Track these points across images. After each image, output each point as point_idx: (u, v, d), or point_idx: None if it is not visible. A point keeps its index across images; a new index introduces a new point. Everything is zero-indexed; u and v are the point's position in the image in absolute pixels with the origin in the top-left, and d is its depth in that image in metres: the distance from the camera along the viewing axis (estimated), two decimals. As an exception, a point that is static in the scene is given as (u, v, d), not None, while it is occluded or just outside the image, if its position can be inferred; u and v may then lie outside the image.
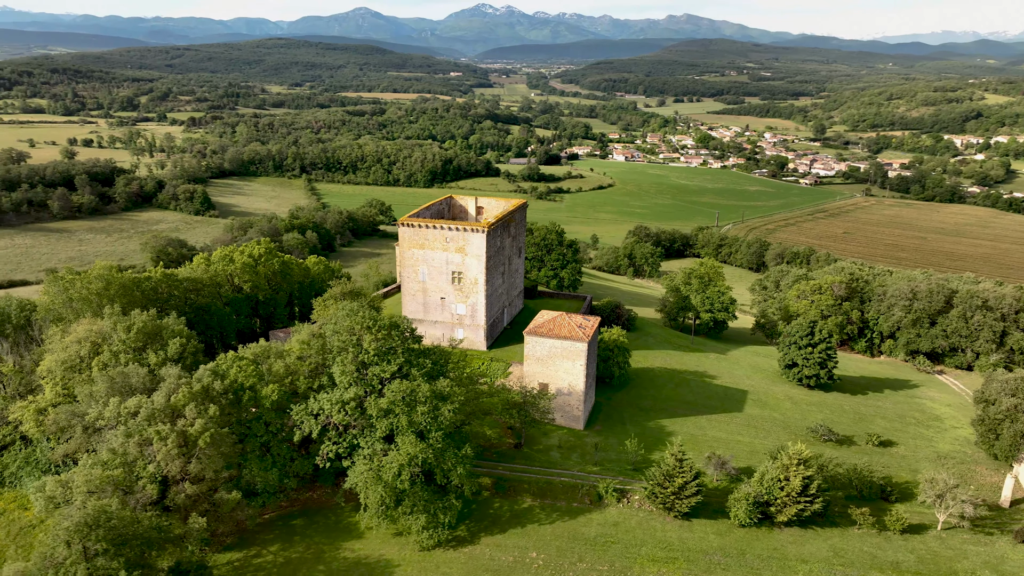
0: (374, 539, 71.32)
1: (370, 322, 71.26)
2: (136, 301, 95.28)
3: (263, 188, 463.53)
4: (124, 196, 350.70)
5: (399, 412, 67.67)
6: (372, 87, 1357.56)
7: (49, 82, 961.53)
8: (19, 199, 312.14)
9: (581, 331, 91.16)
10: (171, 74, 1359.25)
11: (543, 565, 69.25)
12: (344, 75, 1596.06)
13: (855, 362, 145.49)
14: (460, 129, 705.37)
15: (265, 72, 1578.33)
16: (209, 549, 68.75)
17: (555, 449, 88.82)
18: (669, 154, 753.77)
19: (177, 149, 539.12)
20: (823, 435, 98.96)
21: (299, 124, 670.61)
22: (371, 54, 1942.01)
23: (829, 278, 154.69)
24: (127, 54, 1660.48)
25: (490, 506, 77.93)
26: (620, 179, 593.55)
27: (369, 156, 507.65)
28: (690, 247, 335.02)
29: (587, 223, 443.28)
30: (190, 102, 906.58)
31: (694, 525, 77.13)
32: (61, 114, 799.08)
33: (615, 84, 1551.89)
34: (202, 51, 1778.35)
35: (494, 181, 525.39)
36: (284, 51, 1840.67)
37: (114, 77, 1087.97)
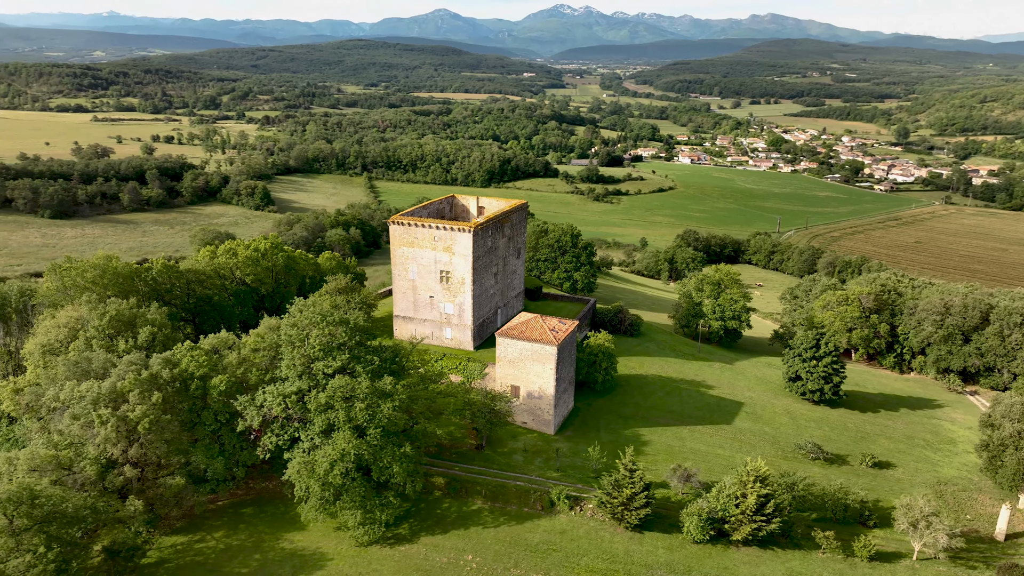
0: (315, 532, 72.37)
1: (318, 317, 72.33)
2: (132, 290, 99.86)
3: (325, 185, 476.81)
4: (190, 190, 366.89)
5: (338, 407, 68.45)
6: (444, 87, 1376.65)
7: (142, 82, 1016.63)
8: (93, 192, 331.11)
9: (553, 334, 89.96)
10: (255, 74, 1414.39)
11: (476, 569, 68.71)
12: (419, 75, 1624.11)
13: (880, 378, 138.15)
14: (524, 129, 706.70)
15: (344, 72, 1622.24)
16: (157, 532, 71.26)
17: (520, 452, 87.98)
18: (738, 157, 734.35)
19: (248, 146, 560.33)
20: (811, 452, 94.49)
21: (366, 123, 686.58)
22: (446, 55, 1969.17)
23: (857, 289, 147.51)
24: (216, 55, 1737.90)
25: (439, 506, 77.86)
26: (682, 182, 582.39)
27: (429, 155, 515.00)
28: (742, 253, 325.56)
29: (641, 226, 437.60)
30: (268, 101, 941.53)
31: (645, 538, 74.95)
32: (150, 112, 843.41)
33: (690, 85, 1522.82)
34: (285, 52, 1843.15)
35: (552, 182, 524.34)
36: (363, 52, 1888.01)
37: (201, 77, 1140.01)
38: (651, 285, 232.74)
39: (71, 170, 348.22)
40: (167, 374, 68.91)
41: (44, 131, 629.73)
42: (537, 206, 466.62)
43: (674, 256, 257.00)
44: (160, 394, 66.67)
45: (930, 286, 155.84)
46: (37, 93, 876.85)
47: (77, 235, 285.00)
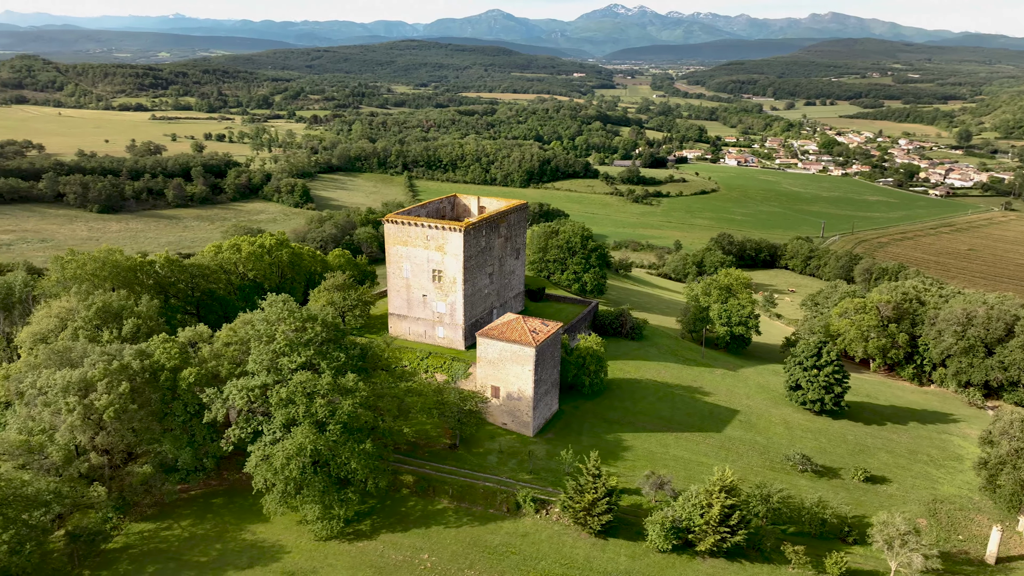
0: (278, 524, 73.47)
1: (285, 313, 73.41)
2: (133, 283, 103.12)
3: (365, 184, 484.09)
4: (233, 187, 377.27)
5: (299, 403, 69.37)
6: (493, 88, 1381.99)
7: (200, 82, 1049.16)
8: (140, 188, 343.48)
9: (533, 336, 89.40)
10: (309, 74, 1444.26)
11: (430, 568, 68.75)
12: (469, 76, 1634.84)
13: (896, 390, 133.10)
14: (568, 130, 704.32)
15: (395, 73, 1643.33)
16: (128, 519, 73.38)
17: (495, 453, 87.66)
18: (786, 159, 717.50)
19: (295, 145, 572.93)
20: (799, 464, 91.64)
21: (411, 123, 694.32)
22: (497, 55, 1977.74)
23: (875, 297, 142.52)
24: (273, 55, 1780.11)
25: (404, 504, 78.18)
26: (726, 184, 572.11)
27: (469, 155, 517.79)
28: (778, 258, 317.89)
29: (680, 228, 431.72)
30: (318, 100, 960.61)
31: (609, 544, 73.87)
32: (205, 111, 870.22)
33: (742, 86, 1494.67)
34: (340, 52, 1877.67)
35: (591, 183, 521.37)
36: (415, 52, 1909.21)
37: (256, 77, 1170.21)
38: (674, 289, 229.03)
39: (120, 166, 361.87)
40: (137, 365, 70.90)
41: (105, 129, 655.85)
42: (575, 207, 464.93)
43: (703, 260, 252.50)
44: (128, 384, 68.62)
45: (958, 295, 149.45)
46: (102, 93, 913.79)
47: (121, 229, 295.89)
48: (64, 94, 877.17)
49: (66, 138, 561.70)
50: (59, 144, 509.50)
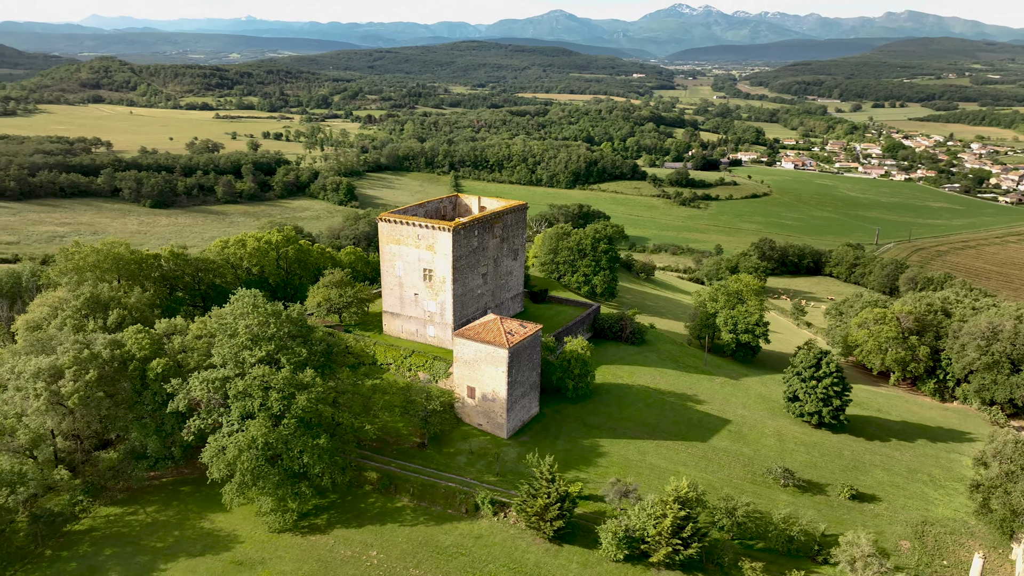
0: (237, 515, 75.05)
1: (249, 308, 74.94)
2: (136, 276, 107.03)
3: (411, 183, 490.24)
4: (281, 185, 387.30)
5: (256, 396, 70.73)
6: (550, 88, 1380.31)
7: (264, 82, 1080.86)
8: (192, 184, 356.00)
9: (508, 337, 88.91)
10: (370, 75, 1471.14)
11: (376, 565, 69.14)
12: (527, 76, 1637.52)
13: (913, 405, 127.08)
14: (619, 131, 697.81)
15: (454, 73, 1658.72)
16: (98, 502, 76.14)
17: (465, 454, 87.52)
18: (847, 163, 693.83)
19: (346, 144, 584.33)
20: (781, 478, 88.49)
21: (462, 123, 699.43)
22: (556, 55, 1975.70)
23: (897, 307, 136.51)
24: (337, 56, 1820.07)
25: (364, 500, 78.83)
26: (780, 188, 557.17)
27: (515, 155, 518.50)
28: (823, 265, 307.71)
29: (726, 232, 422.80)
30: (375, 100, 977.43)
31: (563, 551, 72.88)
32: (267, 110, 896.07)
33: (807, 87, 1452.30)
34: (401, 53, 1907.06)
35: (638, 185, 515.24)
36: (475, 53, 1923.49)
37: (318, 77, 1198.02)
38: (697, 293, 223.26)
39: (175, 163, 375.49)
40: (107, 354, 73.51)
41: (172, 127, 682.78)
42: (620, 209, 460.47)
43: (737, 265, 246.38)
44: (96, 372, 71.22)
45: (990, 308, 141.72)
46: (171, 92, 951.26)
47: (170, 223, 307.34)
48: (137, 94, 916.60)
49: (133, 136, 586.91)
50: (126, 141, 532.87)
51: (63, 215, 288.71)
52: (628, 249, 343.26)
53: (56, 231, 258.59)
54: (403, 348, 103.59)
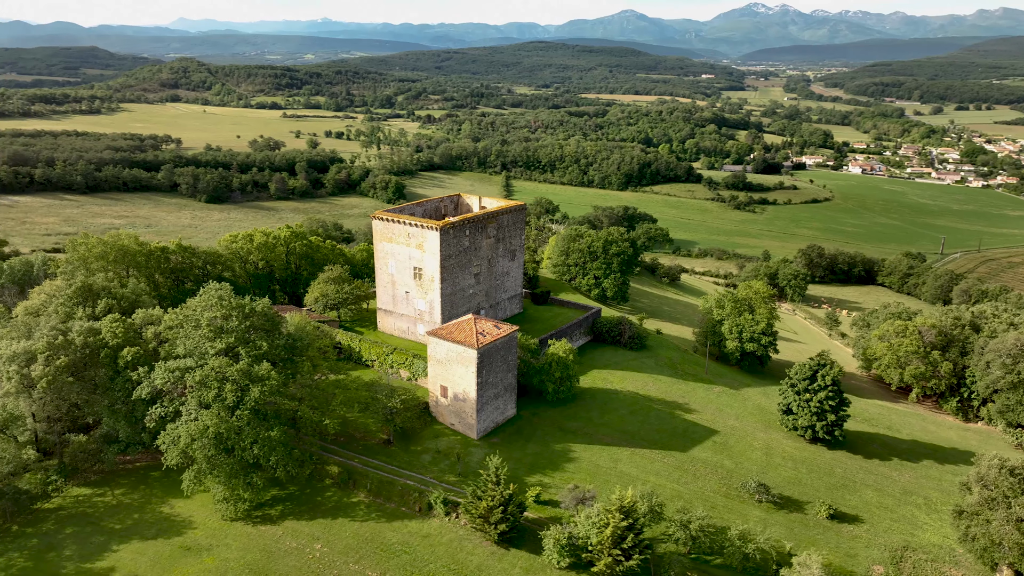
0: (196, 501, 77.18)
1: (214, 301, 77.05)
2: (142, 267, 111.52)
3: (463, 182, 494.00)
4: (332, 182, 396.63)
5: (212, 386, 72.67)
6: (615, 89, 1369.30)
7: (332, 82, 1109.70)
8: (247, 180, 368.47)
9: (479, 338, 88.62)
10: (437, 75, 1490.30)
11: (317, 558, 70.00)
12: (593, 77, 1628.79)
13: (931, 424, 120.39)
14: (679, 133, 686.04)
15: (520, 74, 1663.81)
16: (71, 482, 79.62)
17: (431, 452, 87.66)
18: (919, 168, 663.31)
19: (403, 143, 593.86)
20: (756, 493, 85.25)
21: (519, 124, 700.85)
22: (624, 56, 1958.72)
23: (920, 319, 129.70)
24: (405, 57, 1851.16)
25: (322, 494, 79.90)
26: (843, 193, 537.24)
27: (568, 156, 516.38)
28: (875, 274, 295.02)
29: (780, 238, 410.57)
30: (438, 101, 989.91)
31: (509, 555, 72.15)
32: (333, 109, 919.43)
33: (885, 89, 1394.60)
34: (469, 54, 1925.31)
35: (692, 187, 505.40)
36: (541, 54, 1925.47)
37: (384, 77, 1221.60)
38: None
39: (232, 160, 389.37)
40: (80, 341, 76.84)
41: (241, 125, 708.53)
42: (670, 212, 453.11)
43: (776, 272, 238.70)
44: (66, 359, 74.56)
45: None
46: (243, 92, 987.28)
47: (221, 218, 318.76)
48: (211, 93, 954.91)
49: (203, 133, 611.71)
50: (195, 139, 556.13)
51: (123, 208, 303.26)
52: (672, 253, 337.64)
53: (113, 223, 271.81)
54: (386, 345, 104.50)
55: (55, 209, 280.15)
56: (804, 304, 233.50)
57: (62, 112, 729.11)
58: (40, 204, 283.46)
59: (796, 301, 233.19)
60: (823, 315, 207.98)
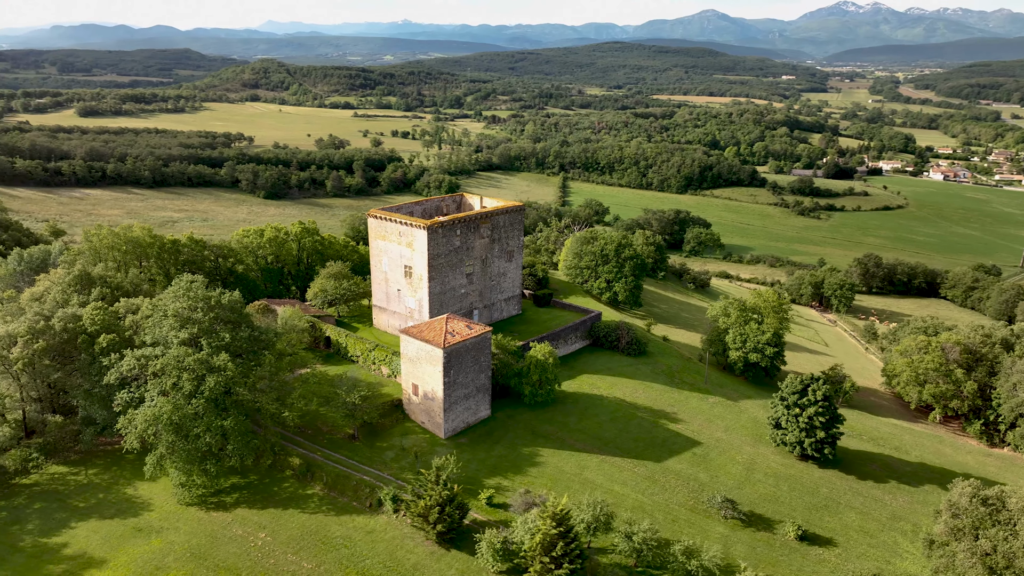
0: (160, 485, 79.94)
1: (181, 291, 79.82)
2: (153, 258, 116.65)
3: (519, 183, 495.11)
4: (388, 181, 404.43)
5: (171, 374, 75.35)
6: (689, 91, 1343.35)
7: (404, 82, 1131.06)
8: (305, 178, 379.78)
9: (448, 337, 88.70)
10: (510, 76, 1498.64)
11: (259, 547, 71.48)
12: (667, 78, 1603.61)
13: (948, 447, 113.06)
14: (747, 135, 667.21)
15: (593, 75, 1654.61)
16: (51, 460, 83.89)
17: (396, 449, 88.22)
18: (1009, 175, 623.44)
19: (465, 143, 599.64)
20: (722, 509, 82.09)
21: (583, 125, 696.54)
22: (701, 57, 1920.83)
23: (946, 336, 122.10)
24: (479, 58, 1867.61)
25: (280, 485, 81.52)
26: (919, 200, 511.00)
27: (627, 158, 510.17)
28: (937, 286, 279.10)
29: (844, 246, 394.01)
30: (506, 101, 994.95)
31: (448, 556, 71.94)
32: (403, 110, 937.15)
33: (981, 91, 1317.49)
34: (543, 55, 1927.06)
35: (755, 192, 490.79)
36: (616, 54, 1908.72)
37: (456, 78, 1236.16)
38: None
39: (292, 157, 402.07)
40: (59, 326, 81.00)
41: (312, 124, 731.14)
42: (729, 216, 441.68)
43: (822, 281, 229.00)
44: (44, 343, 78.75)
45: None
46: (319, 92, 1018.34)
47: (276, 213, 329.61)
48: (288, 93, 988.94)
49: (275, 131, 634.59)
50: (267, 137, 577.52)
51: (184, 202, 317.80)
52: (723, 258, 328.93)
53: (172, 216, 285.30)
54: (369, 342, 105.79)
55: (121, 202, 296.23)
56: (850, 315, 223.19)
57: (150, 111, 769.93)
58: (108, 197, 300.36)
59: (841, 312, 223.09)
60: (861, 326, 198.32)
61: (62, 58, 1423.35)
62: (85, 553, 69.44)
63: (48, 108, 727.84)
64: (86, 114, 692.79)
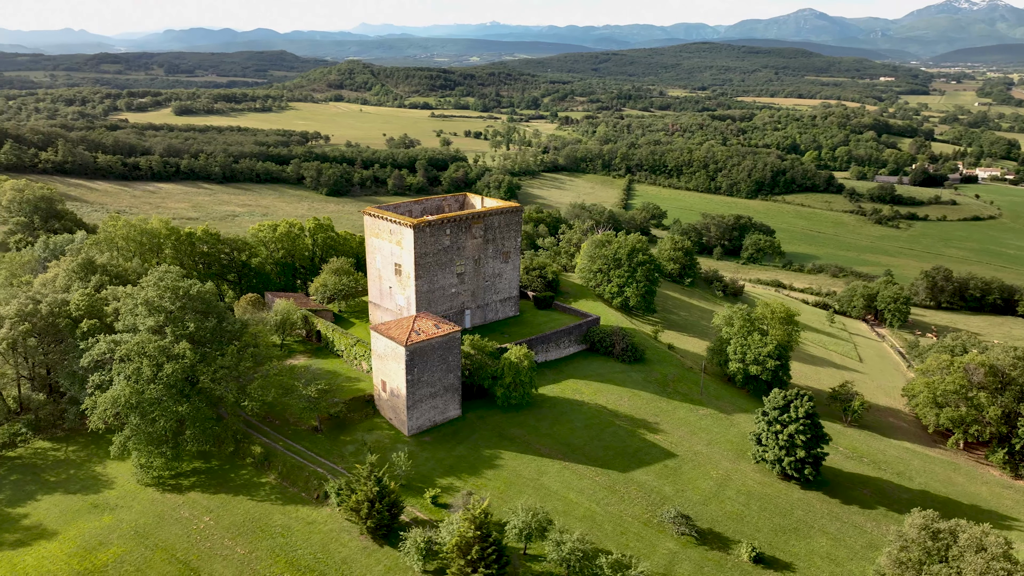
0: (127, 465, 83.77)
1: (154, 280, 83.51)
2: (167, 249, 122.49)
3: (584, 185, 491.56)
4: (448, 180, 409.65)
5: (134, 360, 79.01)
6: (776, 92, 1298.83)
7: (484, 83, 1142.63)
8: (367, 176, 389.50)
9: (413, 335, 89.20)
10: (591, 77, 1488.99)
11: (200, 530, 73.87)
12: (756, 80, 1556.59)
13: (961, 475, 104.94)
14: (830, 139, 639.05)
15: (678, 76, 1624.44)
16: (40, 436, 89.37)
17: (358, 443, 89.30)
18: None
19: (535, 144, 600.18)
20: (675, 525, 79.07)
21: (656, 127, 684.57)
22: (793, 58, 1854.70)
23: (970, 357, 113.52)
24: (563, 59, 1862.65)
25: (237, 472, 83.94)
26: (1014, 211, 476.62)
27: (696, 161, 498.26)
28: (1015, 303, 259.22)
29: (924, 258, 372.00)
30: (583, 103, 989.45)
31: (380, 552, 72.33)
32: (479, 110, 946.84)
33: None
34: (627, 56, 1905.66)
35: (830, 198, 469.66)
36: (703, 55, 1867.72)
37: (536, 79, 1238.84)
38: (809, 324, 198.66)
39: (357, 156, 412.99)
40: (46, 310, 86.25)
41: (390, 123, 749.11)
42: (798, 223, 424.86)
43: (876, 294, 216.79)
44: (28, 325, 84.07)
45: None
46: (400, 92, 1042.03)
47: (335, 210, 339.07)
48: (371, 93, 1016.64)
49: (353, 131, 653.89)
50: (344, 135, 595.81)
51: (248, 197, 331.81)
52: (783, 267, 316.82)
53: (235, 211, 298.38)
54: (352, 336, 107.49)
55: (189, 196, 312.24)
56: (905, 331, 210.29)
57: (239, 110, 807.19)
58: (179, 191, 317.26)
59: (895, 326, 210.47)
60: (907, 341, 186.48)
61: (169, 60, 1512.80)
62: (41, 525, 73.58)
63: (148, 107, 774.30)
64: (181, 112, 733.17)
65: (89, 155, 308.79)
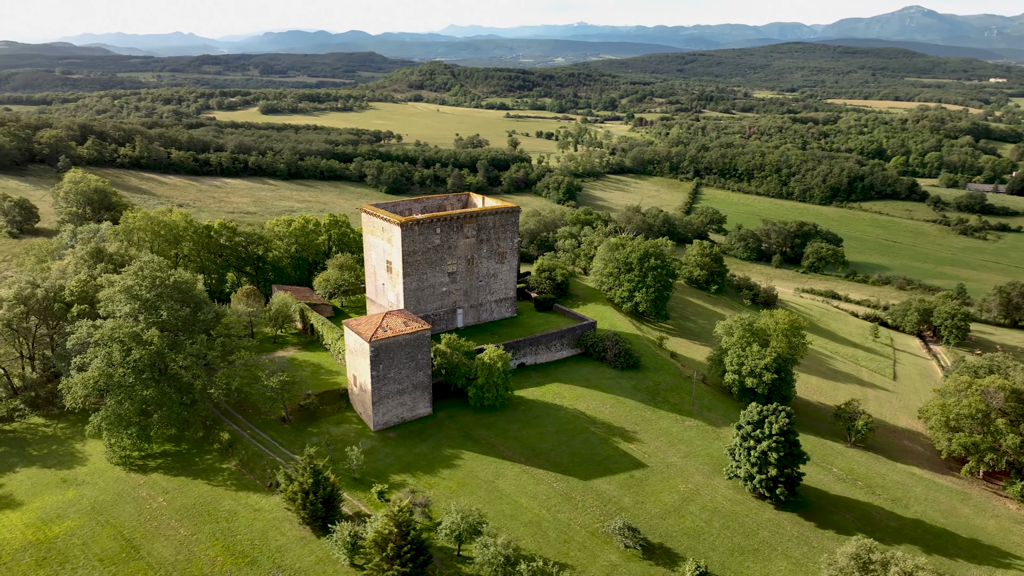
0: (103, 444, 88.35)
1: (135, 270, 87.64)
2: (186, 240, 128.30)
3: (649, 187, 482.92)
4: (508, 180, 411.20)
5: (110, 346, 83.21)
6: (870, 95, 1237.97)
7: (563, 84, 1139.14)
8: (427, 174, 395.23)
9: (379, 332, 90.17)
10: (676, 78, 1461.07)
11: (152, 509, 76.96)
12: (850, 81, 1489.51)
13: (967, 506, 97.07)
14: (920, 144, 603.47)
15: (767, 77, 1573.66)
16: (37, 412, 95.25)
17: (321, 435, 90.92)
18: None
19: (606, 146, 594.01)
20: (622, 537, 76.70)
21: (732, 129, 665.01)
22: (894, 58, 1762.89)
23: (990, 379, 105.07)
24: (647, 60, 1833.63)
25: (203, 456, 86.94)
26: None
27: (768, 165, 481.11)
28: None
29: (1007, 272, 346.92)
30: (662, 104, 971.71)
31: (318, 543, 73.46)
32: (556, 111, 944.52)
33: None
34: (714, 56, 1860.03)
35: (911, 206, 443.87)
36: (795, 56, 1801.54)
37: (616, 80, 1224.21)
38: (846, 337, 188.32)
39: (419, 155, 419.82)
40: (41, 294, 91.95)
41: (464, 123, 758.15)
42: (876, 232, 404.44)
43: (933, 309, 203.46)
44: (23, 307, 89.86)
45: None
46: (478, 93, 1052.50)
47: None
48: (449, 94, 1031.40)
49: (426, 130, 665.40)
50: (416, 135, 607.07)
51: (309, 194, 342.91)
52: (845, 277, 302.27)
53: (293, 206, 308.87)
54: (337, 331, 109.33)
55: (252, 191, 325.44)
56: (963, 349, 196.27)
57: (321, 109, 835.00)
58: (244, 186, 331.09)
59: (951, 344, 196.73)
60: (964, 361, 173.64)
61: (264, 61, 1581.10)
62: (11, 495, 78.38)
63: (238, 106, 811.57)
64: (267, 111, 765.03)
65: (163, 151, 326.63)
